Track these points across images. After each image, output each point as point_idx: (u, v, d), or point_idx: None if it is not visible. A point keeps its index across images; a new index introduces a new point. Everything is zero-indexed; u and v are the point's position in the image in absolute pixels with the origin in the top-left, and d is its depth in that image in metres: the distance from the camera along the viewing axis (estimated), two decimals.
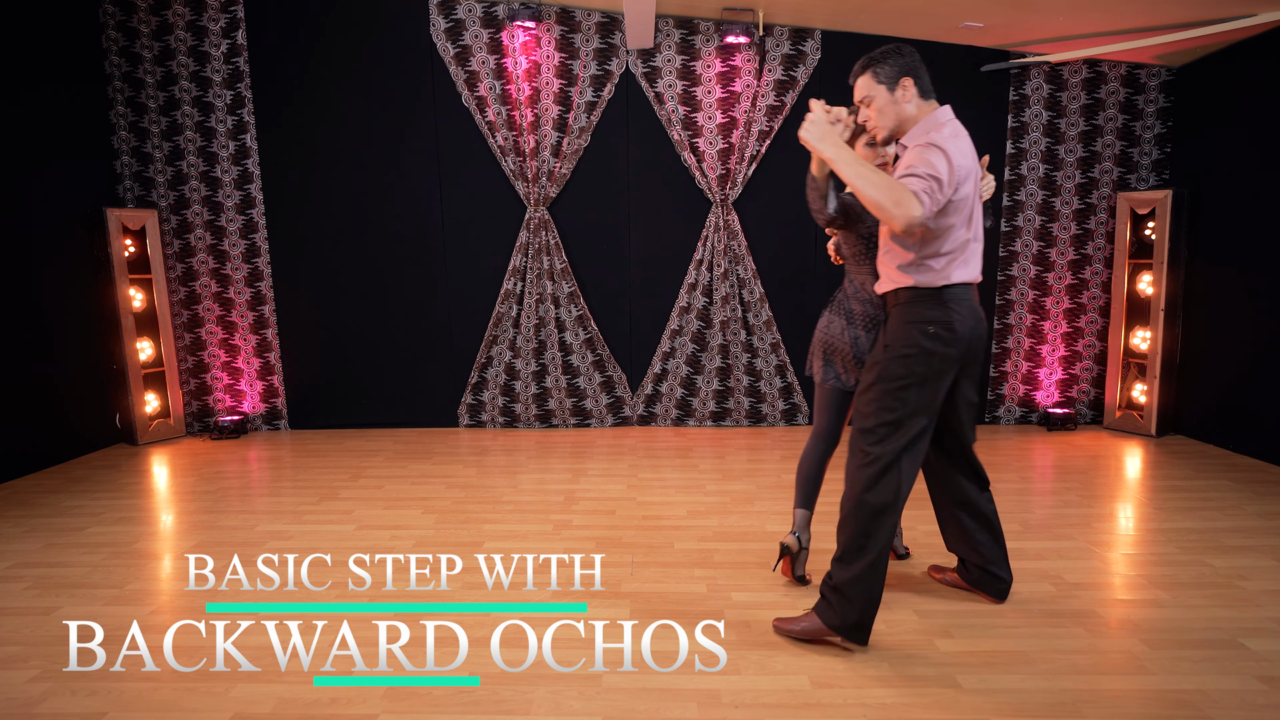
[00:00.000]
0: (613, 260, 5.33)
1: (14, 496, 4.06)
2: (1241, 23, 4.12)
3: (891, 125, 2.33)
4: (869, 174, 2.10)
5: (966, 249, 2.30)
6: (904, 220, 2.05)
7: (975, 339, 2.36)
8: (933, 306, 2.30)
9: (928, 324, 2.29)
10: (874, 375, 2.37)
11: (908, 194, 2.05)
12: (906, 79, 2.28)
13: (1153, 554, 3.15)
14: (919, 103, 2.31)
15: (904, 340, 2.32)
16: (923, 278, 2.30)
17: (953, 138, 2.22)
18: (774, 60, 5.01)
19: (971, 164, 2.23)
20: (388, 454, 4.83)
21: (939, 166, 2.12)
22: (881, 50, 2.31)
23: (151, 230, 5.05)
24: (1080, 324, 5.32)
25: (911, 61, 2.30)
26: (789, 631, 2.50)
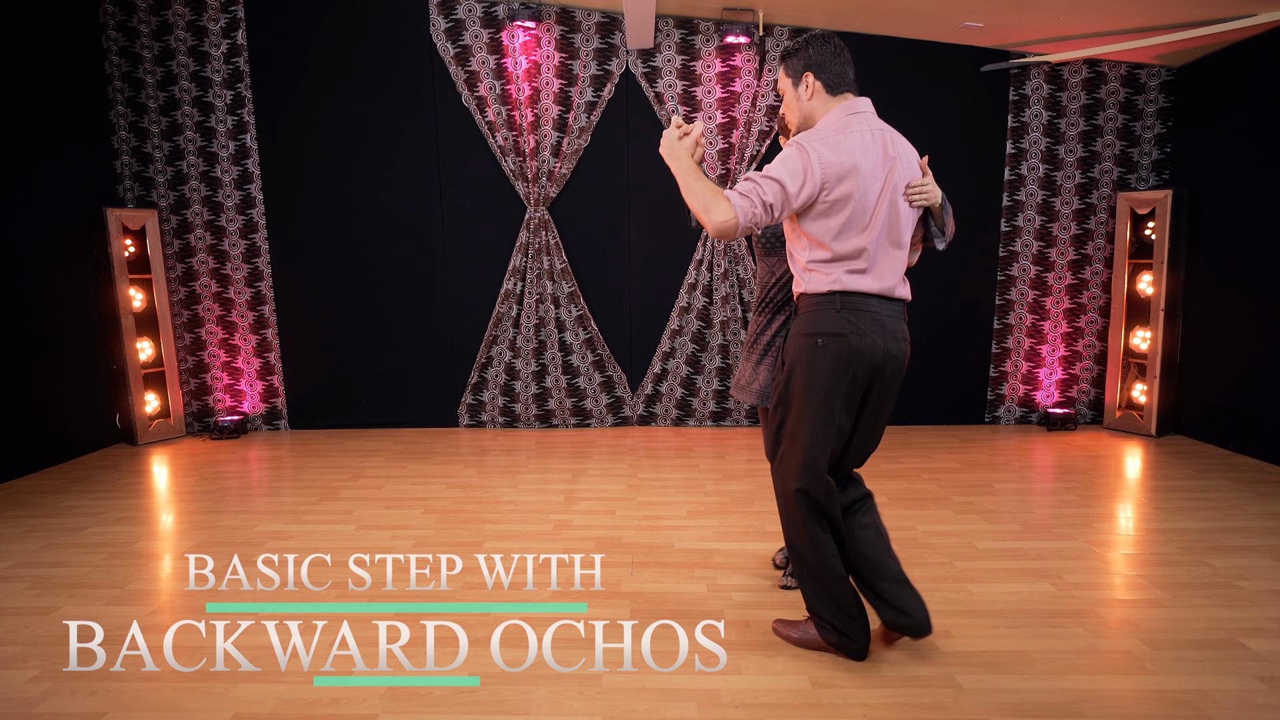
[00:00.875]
0: (613, 260, 5.33)
1: (14, 496, 4.05)
2: (1241, 23, 4.12)
3: (797, 120, 2.24)
4: (695, 184, 2.07)
5: (865, 256, 2.11)
6: (713, 227, 2.04)
7: (881, 357, 2.15)
8: (828, 315, 2.15)
9: (817, 335, 2.15)
10: (776, 391, 2.30)
11: (718, 201, 2.03)
12: (808, 74, 2.17)
13: (1153, 554, 3.15)
14: (824, 98, 2.17)
15: (795, 350, 2.21)
16: (815, 283, 2.17)
17: (836, 132, 2.10)
18: (774, 60, 5.01)
19: (856, 162, 2.07)
20: (388, 454, 4.83)
21: (783, 168, 2.06)
22: (795, 42, 2.21)
23: (151, 230, 5.05)
24: (1080, 324, 5.32)
25: (820, 55, 2.16)
26: (788, 637, 2.49)
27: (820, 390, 2.16)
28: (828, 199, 2.08)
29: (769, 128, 5.08)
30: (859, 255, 2.12)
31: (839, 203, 2.08)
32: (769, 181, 2.05)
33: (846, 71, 2.18)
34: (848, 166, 2.06)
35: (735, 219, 2.02)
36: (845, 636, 2.31)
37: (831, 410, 2.17)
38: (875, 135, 2.12)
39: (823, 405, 2.16)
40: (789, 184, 2.05)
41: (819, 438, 2.18)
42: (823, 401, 2.16)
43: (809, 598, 2.35)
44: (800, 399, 2.19)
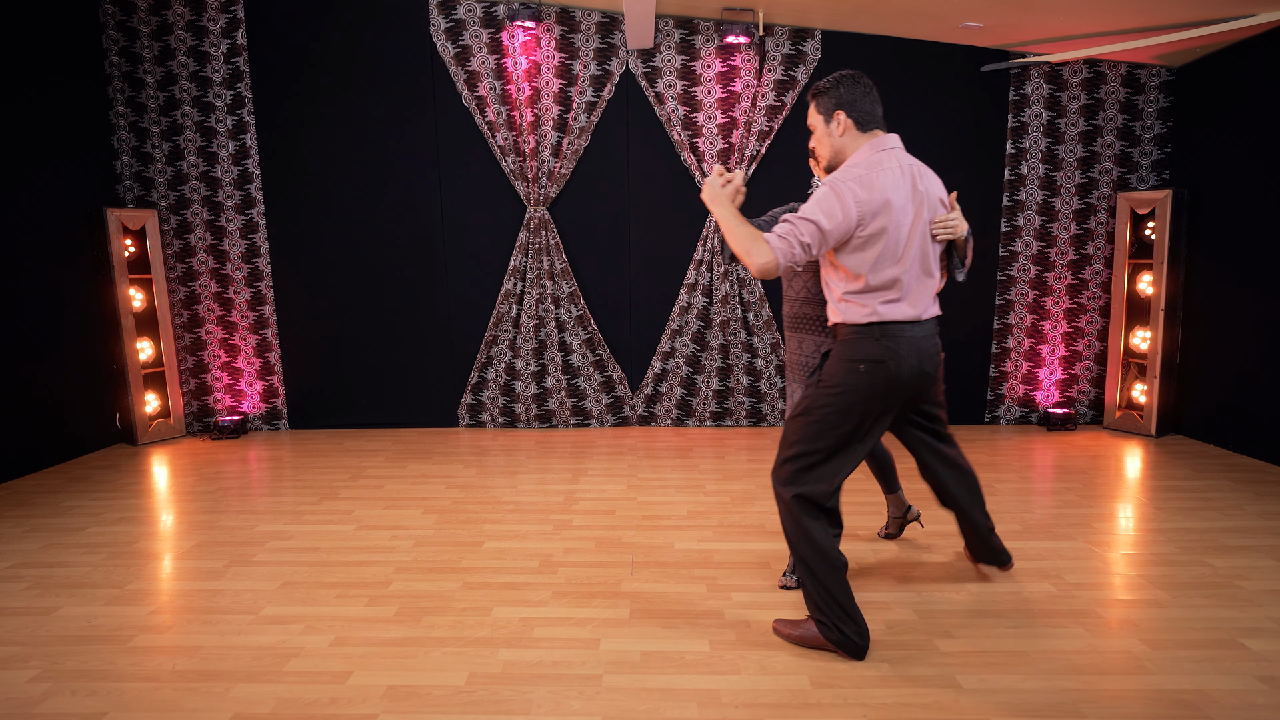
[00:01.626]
0: (613, 260, 5.33)
1: (14, 496, 4.06)
2: (1241, 23, 4.12)
3: (829, 155, 2.38)
4: (736, 227, 2.23)
5: (899, 286, 2.25)
6: (755, 268, 2.18)
7: (917, 377, 2.32)
8: (867, 344, 2.28)
9: (859, 361, 2.27)
10: (803, 405, 2.37)
11: (759, 245, 2.17)
12: (839, 113, 2.30)
13: (1153, 554, 3.15)
14: (854, 135, 2.31)
15: (835, 375, 2.32)
16: (852, 314, 2.30)
17: (868, 170, 2.21)
18: (774, 60, 5.01)
19: (889, 198, 2.19)
20: (388, 454, 4.83)
21: (819, 208, 2.17)
22: (826, 81, 2.35)
23: (151, 230, 5.06)
24: (1080, 324, 5.32)
25: (851, 94, 2.30)
26: (789, 636, 2.50)
27: (858, 414, 2.29)
28: (862, 234, 2.20)
29: (769, 127, 5.08)
30: (893, 285, 2.25)
31: (873, 237, 2.20)
32: (805, 223, 2.17)
33: (876, 109, 2.32)
34: (880, 203, 2.18)
35: (775, 260, 2.16)
36: (845, 635, 2.35)
37: (865, 430, 2.32)
38: (905, 171, 2.25)
39: (859, 426, 2.31)
40: (824, 224, 2.17)
41: (852, 455, 2.33)
42: (859, 423, 2.30)
43: (810, 597, 2.39)
44: (837, 418, 2.30)
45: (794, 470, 2.35)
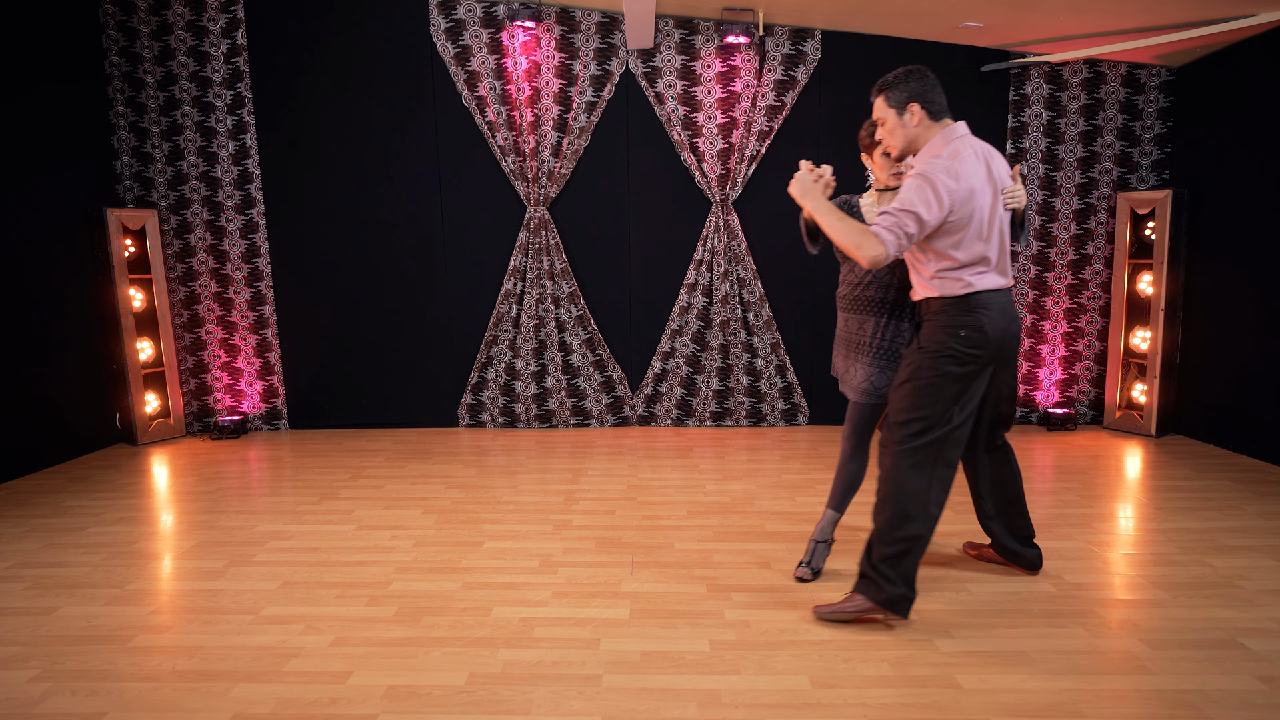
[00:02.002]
0: (613, 260, 5.33)
1: (14, 496, 4.06)
2: (1241, 23, 4.12)
3: (901, 145, 2.52)
4: (837, 223, 2.40)
5: (986, 260, 2.46)
6: (866, 260, 2.35)
7: (1007, 338, 2.53)
8: (963, 312, 2.47)
9: (959, 328, 2.47)
10: (908, 373, 2.54)
11: (869, 239, 2.33)
12: (914, 104, 2.46)
13: (1153, 554, 3.15)
14: (927, 124, 2.47)
15: (937, 341, 2.49)
16: (948, 289, 2.49)
17: (951, 159, 2.37)
18: (774, 60, 5.01)
19: (973, 185, 2.37)
20: (388, 454, 4.83)
21: (918, 199, 2.34)
22: (895, 74, 2.49)
23: (151, 230, 5.06)
24: (1080, 324, 5.32)
25: (921, 86, 2.46)
26: (837, 613, 2.59)
27: (964, 375, 2.48)
28: (953, 219, 2.38)
29: (769, 127, 5.08)
30: (983, 260, 2.46)
31: (962, 221, 2.40)
32: (906, 214, 2.34)
33: (943, 99, 2.50)
34: (967, 190, 2.37)
35: (886, 251, 2.34)
36: (893, 592, 2.48)
37: (969, 391, 2.51)
38: (980, 156, 2.44)
39: (964, 388, 2.49)
40: (924, 214, 2.34)
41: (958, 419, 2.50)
42: (964, 385, 2.49)
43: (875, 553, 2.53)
44: (943, 381, 2.48)
45: (906, 434, 2.52)
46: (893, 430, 2.56)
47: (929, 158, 2.41)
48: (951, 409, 2.49)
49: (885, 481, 2.55)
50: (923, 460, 2.49)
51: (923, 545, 2.51)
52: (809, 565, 2.96)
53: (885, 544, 2.51)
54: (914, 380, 2.52)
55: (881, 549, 2.52)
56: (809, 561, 2.97)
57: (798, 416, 5.46)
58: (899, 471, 2.51)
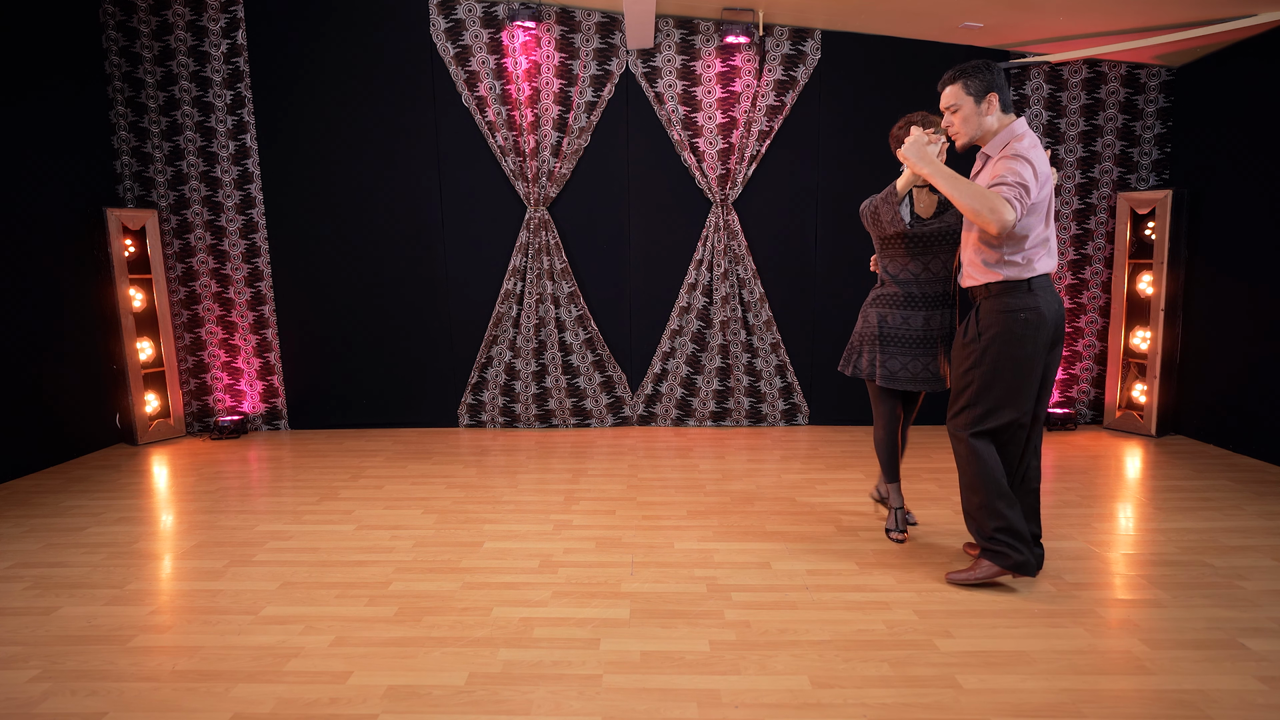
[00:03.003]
0: (613, 260, 5.33)
1: (14, 496, 4.06)
2: (1241, 23, 4.12)
3: (973, 133, 2.64)
4: (965, 185, 2.49)
5: (1047, 244, 2.61)
6: (998, 224, 2.42)
7: (1059, 320, 2.67)
8: (1023, 295, 2.60)
9: (1020, 311, 2.59)
10: (972, 360, 2.69)
11: (1000, 201, 2.41)
12: (992, 94, 2.59)
13: (1153, 554, 3.15)
14: (1000, 116, 2.61)
15: (999, 326, 2.62)
16: (1012, 272, 2.61)
17: (1032, 148, 2.52)
18: (774, 60, 5.01)
19: (1049, 170, 2.56)
20: (388, 454, 4.83)
21: (1026, 175, 2.46)
22: (972, 64, 2.61)
23: (151, 230, 5.06)
24: (1080, 324, 5.32)
25: (998, 79, 2.60)
26: (964, 579, 2.82)
27: (1028, 357, 2.62)
28: (1036, 200, 2.52)
29: (769, 127, 5.08)
30: (1045, 243, 2.61)
31: (1039, 204, 2.55)
32: (1020, 188, 2.45)
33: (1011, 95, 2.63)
34: (1047, 174, 2.55)
35: (1016, 217, 2.45)
36: (1018, 557, 2.69)
37: (1035, 369, 2.64)
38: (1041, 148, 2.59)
39: (1030, 368, 2.63)
40: (1032, 188, 2.48)
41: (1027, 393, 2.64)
42: (1030, 365, 2.62)
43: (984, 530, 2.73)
44: (1009, 365, 2.62)
45: (972, 417, 2.69)
46: (961, 416, 2.72)
47: (1015, 144, 2.54)
48: (1015, 390, 2.62)
49: (968, 467, 2.72)
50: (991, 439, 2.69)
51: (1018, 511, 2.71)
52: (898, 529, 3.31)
53: (992, 518, 2.69)
54: (979, 366, 2.66)
55: (990, 521, 2.70)
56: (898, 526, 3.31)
57: (798, 416, 5.46)
58: (979, 454, 2.69)
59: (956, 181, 2.50)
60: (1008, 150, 2.55)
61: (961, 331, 2.78)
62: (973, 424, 2.69)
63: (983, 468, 2.70)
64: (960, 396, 2.74)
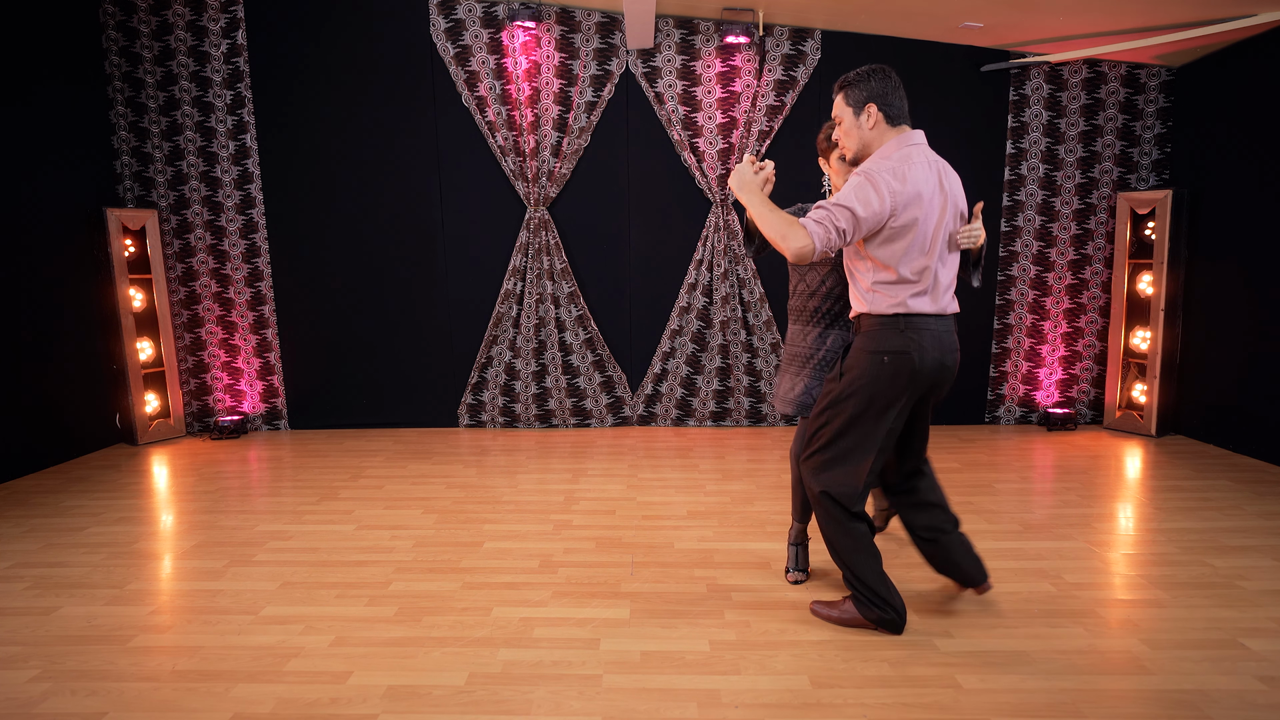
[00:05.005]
0: (613, 260, 5.33)
1: (14, 496, 4.06)
2: (1241, 23, 4.12)
3: (856, 147, 2.40)
4: (768, 214, 2.27)
5: (928, 279, 2.31)
6: (791, 252, 2.21)
7: (938, 370, 2.36)
8: (892, 335, 2.33)
9: (883, 353, 2.33)
10: (826, 398, 2.46)
11: (795, 229, 2.19)
12: (871, 105, 2.32)
13: (1153, 554, 3.15)
14: (884, 129, 2.34)
15: (858, 366, 2.38)
16: (879, 304, 2.34)
17: (900, 163, 2.26)
18: (774, 60, 5.01)
19: (920, 190, 2.24)
20: (388, 454, 4.83)
21: (854, 195, 2.22)
22: (857, 73, 2.35)
23: (151, 230, 5.06)
24: (1080, 324, 5.32)
25: (882, 87, 2.32)
26: (829, 618, 2.59)
27: (883, 404, 2.35)
28: (895, 225, 2.25)
29: (769, 127, 5.08)
30: (922, 277, 2.31)
31: (905, 228, 2.26)
32: (841, 209, 2.21)
33: (904, 105, 2.35)
34: (913, 195, 2.24)
35: (812, 244, 2.19)
36: (885, 611, 2.47)
37: (889, 421, 2.37)
38: (931, 166, 2.31)
39: (882, 418, 2.36)
40: (860, 211, 2.21)
41: (879, 447, 2.38)
42: (882, 414, 2.36)
43: (850, 578, 2.50)
44: (862, 410, 2.37)
45: (821, 461, 2.44)
46: (809, 460, 2.48)
47: (878, 159, 2.31)
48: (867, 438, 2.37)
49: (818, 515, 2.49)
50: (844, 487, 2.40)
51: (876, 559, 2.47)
52: (796, 569, 2.96)
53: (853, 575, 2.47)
54: (831, 408, 2.42)
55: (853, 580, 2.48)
56: (795, 566, 2.97)
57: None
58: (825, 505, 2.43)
59: (763, 209, 2.28)
60: (863, 165, 2.31)
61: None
62: (819, 470, 2.44)
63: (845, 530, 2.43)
64: (814, 437, 2.48)
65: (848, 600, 2.57)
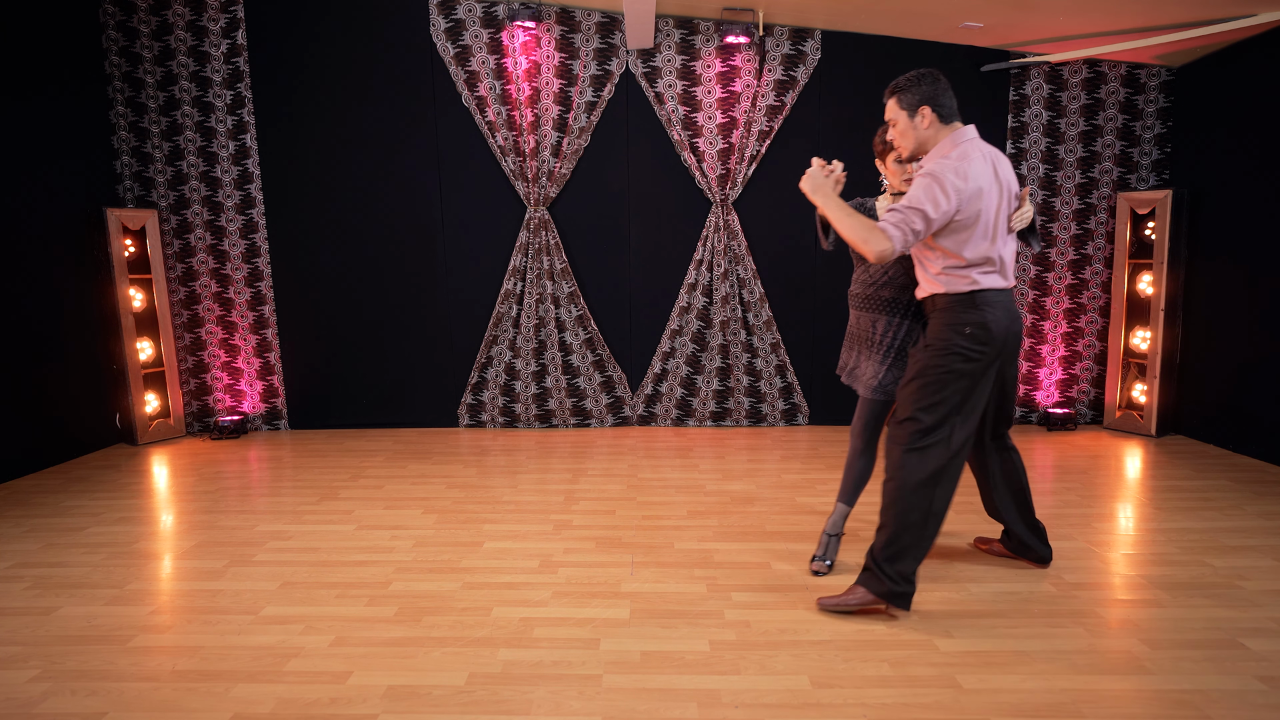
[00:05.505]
0: (613, 260, 5.33)
1: (14, 496, 4.06)
2: (1241, 23, 4.12)
3: (912, 147, 2.59)
4: (846, 218, 2.47)
5: (991, 260, 2.51)
6: (873, 254, 2.41)
7: (1010, 336, 2.59)
8: (968, 309, 2.54)
9: (964, 325, 2.53)
10: (915, 370, 2.60)
11: (876, 233, 2.40)
12: (925, 107, 2.52)
13: (1153, 554, 3.15)
14: (938, 128, 2.54)
15: (943, 339, 2.56)
16: (954, 285, 2.55)
17: (960, 160, 2.44)
18: (774, 60, 5.01)
19: (980, 185, 2.44)
20: (388, 454, 4.83)
21: (925, 197, 2.41)
22: (908, 77, 2.55)
23: (151, 230, 5.06)
24: (1080, 324, 5.32)
25: (933, 89, 2.52)
26: (840, 604, 2.65)
27: (969, 373, 2.54)
28: (961, 219, 2.45)
29: (769, 127, 5.08)
30: (988, 261, 2.52)
31: (970, 220, 2.46)
32: (914, 212, 2.41)
33: (954, 104, 2.54)
34: (975, 190, 2.44)
35: (893, 247, 2.40)
36: (896, 584, 2.56)
37: (975, 389, 2.56)
38: (986, 159, 2.50)
39: (971, 386, 2.55)
40: (931, 212, 2.41)
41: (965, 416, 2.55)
42: (971, 383, 2.55)
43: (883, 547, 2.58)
44: (950, 378, 2.54)
45: (912, 432, 2.56)
46: (900, 427, 2.60)
47: (938, 158, 2.49)
48: (958, 406, 2.53)
49: (891, 478, 2.59)
50: (929, 457, 2.53)
51: (928, 542, 2.57)
52: (823, 559, 3.01)
53: (890, 540, 2.56)
54: (921, 378, 2.56)
55: (886, 545, 2.57)
56: (823, 555, 3.02)
57: (798, 416, 5.46)
58: (906, 469, 2.55)
59: (840, 212, 2.49)
60: (924, 168, 2.49)
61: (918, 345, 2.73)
62: (909, 437, 2.55)
63: (904, 487, 2.54)
64: (900, 407, 2.63)
65: (856, 586, 2.66)
